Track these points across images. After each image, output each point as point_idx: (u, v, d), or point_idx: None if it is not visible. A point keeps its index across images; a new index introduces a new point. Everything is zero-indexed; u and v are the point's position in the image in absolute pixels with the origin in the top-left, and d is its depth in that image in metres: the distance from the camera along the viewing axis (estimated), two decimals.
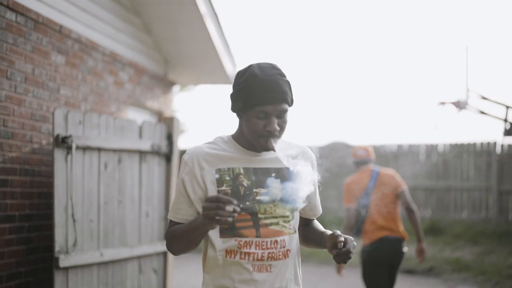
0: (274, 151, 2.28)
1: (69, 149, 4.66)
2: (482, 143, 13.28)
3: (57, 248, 4.56)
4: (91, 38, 5.93)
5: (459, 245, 11.66)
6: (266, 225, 2.31)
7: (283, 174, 2.36)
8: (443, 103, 11.42)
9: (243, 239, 2.29)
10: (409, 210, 5.65)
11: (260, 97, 2.23)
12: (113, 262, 5.08)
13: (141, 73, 7.06)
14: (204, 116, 37.23)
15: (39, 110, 5.04)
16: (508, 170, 12.70)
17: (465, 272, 9.84)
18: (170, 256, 5.83)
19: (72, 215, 4.68)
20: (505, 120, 7.44)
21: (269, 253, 2.30)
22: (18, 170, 4.78)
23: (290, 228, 2.36)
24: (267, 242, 2.30)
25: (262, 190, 2.32)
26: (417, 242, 5.70)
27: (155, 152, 5.50)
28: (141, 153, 5.41)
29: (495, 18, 33.09)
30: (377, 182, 5.66)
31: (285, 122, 2.30)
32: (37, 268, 4.98)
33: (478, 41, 29.23)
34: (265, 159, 2.38)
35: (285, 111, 2.28)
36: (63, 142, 4.61)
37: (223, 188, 2.27)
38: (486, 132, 30.52)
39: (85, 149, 4.83)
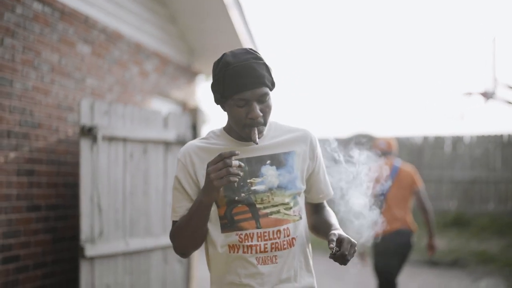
0: (256, 143, 2.18)
1: (94, 139, 4.68)
2: (509, 134, 13.13)
3: (83, 237, 4.59)
4: (117, 28, 5.94)
5: (485, 237, 11.55)
6: (267, 214, 2.23)
7: (278, 160, 2.28)
8: (469, 94, 11.28)
9: (244, 232, 2.22)
10: (423, 209, 5.86)
11: (236, 84, 2.15)
12: (138, 252, 5.11)
13: (165, 63, 7.07)
14: None
15: (65, 100, 5.07)
16: None
17: (490, 265, 9.75)
18: None
19: (98, 205, 4.70)
20: None
21: (272, 243, 2.22)
22: (45, 160, 4.81)
23: (295, 215, 2.28)
24: (269, 232, 2.22)
25: (257, 180, 2.24)
26: (429, 238, 5.90)
27: (180, 142, 5.50)
28: (166, 144, 5.41)
29: None
30: (396, 176, 5.79)
31: (268, 106, 2.21)
32: (63, 258, 5.02)
33: (505, 31, 28.84)
34: (258, 148, 2.28)
35: (266, 94, 2.18)
36: (89, 132, 4.63)
37: None
38: None
39: (110, 139, 4.85)
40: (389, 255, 5.66)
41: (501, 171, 13.12)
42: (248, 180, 2.24)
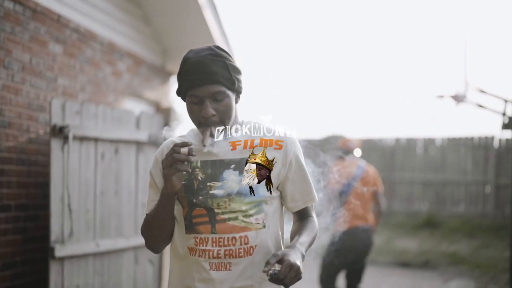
0: (204, 145, 2.13)
1: (66, 139, 4.65)
2: (480, 137, 13.30)
3: (53, 238, 4.56)
4: (90, 27, 5.91)
5: (456, 239, 11.69)
6: (224, 220, 2.16)
7: (243, 166, 2.18)
8: (441, 97, 11.41)
9: (199, 236, 2.18)
10: (379, 211, 6.14)
11: (189, 80, 2.13)
12: (109, 252, 5.08)
13: (139, 63, 7.05)
14: None
15: (36, 100, 5.03)
16: (505, 164, 12.73)
17: (461, 266, 9.86)
18: (167, 247, 5.83)
19: (69, 205, 4.67)
20: (503, 114, 7.44)
21: (226, 250, 2.15)
22: (15, 159, 4.77)
23: (257, 223, 2.18)
24: (224, 238, 2.15)
25: (217, 184, 2.17)
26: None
27: (152, 142, 5.49)
28: (138, 144, 5.40)
29: (493, 12, 33.02)
30: (362, 175, 6.00)
31: (225, 105, 2.14)
32: (33, 258, 4.98)
33: (477, 35, 29.16)
34: (226, 150, 2.20)
35: (220, 93, 2.12)
36: (60, 132, 4.60)
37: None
38: (484, 126, 30.53)
39: (82, 139, 4.83)
40: (351, 251, 5.84)
41: (472, 173, 13.29)
42: (208, 184, 2.18)
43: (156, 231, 2.25)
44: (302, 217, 2.36)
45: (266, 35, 38.87)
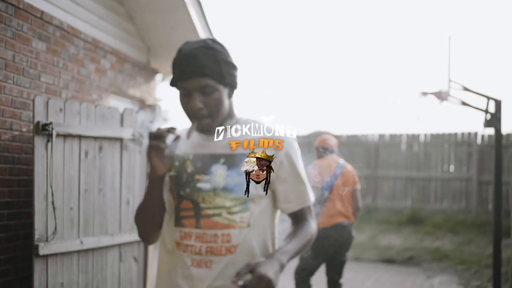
0: (187, 138, 2.07)
1: (49, 136, 4.63)
2: (463, 134, 13.39)
3: (36, 235, 4.54)
4: (73, 25, 5.88)
5: (439, 235, 11.78)
6: (208, 216, 2.12)
7: (233, 161, 2.13)
8: (425, 94, 11.45)
9: (184, 230, 2.14)
10: (357, 207, 6.22)
11: (178, 71, 2.10)
12: (93, 250, 5.07)
13: (123, 61, 7.03)
14: None
15: (19, 97, 5.00)
16: (488, 161, 12.83)
17: (444, 262, 9.94)
18: (151, 244, 5.82)
19: (52, 203, 4.66)
20: (486, 111, 7.48)
21: (207, 247, 2.10)
22: None
23: (241, 222, 2.11)
24: (206, 234, 2.11)
25: (204, 177, 2.13)
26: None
27: (136, 140, 5.47)
28: (122, 141, 5.39)
29: (476, 10, 33.24)
30: (341, 173, 6.09)
31: (214, 99, 2.10)
32: (17, 256, 4.96)
33: (460, 33, 29.33)
34: (218, 144, 2.15)
35: (208, 86, 2.08)
36: (43, 130, 4.58)
37: (172, 174, 2.19)
38: (467, 123, 30.74)
39: (65, 136, 4.81)
40: (332, 247, 5.95)
41: (455, 170, 13.38)
42: (196, 176, 2.14)
43: (142, 218, 2.21)
44: (297, 220, 2.26)
45: (251, 33, 38.87)
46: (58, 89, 5.61)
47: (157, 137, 1.98)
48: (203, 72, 2.06)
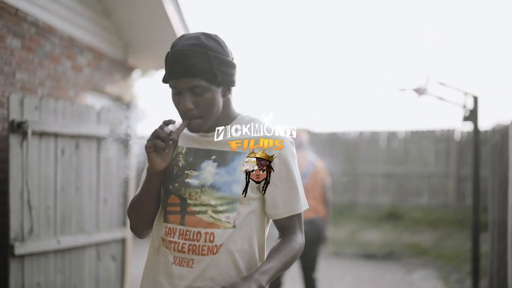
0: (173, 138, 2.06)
1: (24, 134, 4.57)
2: (442, 130, 13.48)
3: (12, 235, 4.48)
4: (48, 21, 5.81)
5: (418, 230, 11.84)
6: (194, 213, 2.06)
7: (224, 159, 2.09)
8: (403, 90, 11.50)
9: (169, 226, 2.10)
10: (326, 202, 6.31)
11: (168, 70, 2.04)
12: (70, 249, 5.02)
13: (100, 58, 6.97)
14: (166, 102, 36.92)
15: None
16: (466, 156, 12.92)
17: (424, 256, 10.01)
18: (129, 243, 5.79)
19: (28, 202, 4.60)
20: (464, 107, 7.53)
21: (190, 245, 2.05)
22: None
23: (227, 222, 2.05)
24: (190, 232, 2.06)
25: (194, 173, 2.09)
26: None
27: (113, 138, 5.43)
28: (99, 139, 5.33)
29: (454, 6, 33.44)
30: (313, 169, 6.20)
31: (205, 100, 2.04)
32: None
33: (437, 28, 29.52)
34: (211, 141, 2.12)
35: (198, 87, 2.02)
36: (18, 128, 4.51)
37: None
38: (446, 120, 30.95)
39: (41, 134, 4.75)
40: (306, 242, 5.97)
41: (434, 166, 13.46)
42: (186, 171, 2.10)
43: (136, 212, 2.17)
44: (284, 231, 2.17)
45: (228, 29, 38.78)
46: (34, 86, 5.54)
47: (156, 135, 2.01)
48: (192, 72, 2.00)
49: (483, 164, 10.77)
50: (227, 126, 2.12)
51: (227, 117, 2.18)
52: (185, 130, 2.18)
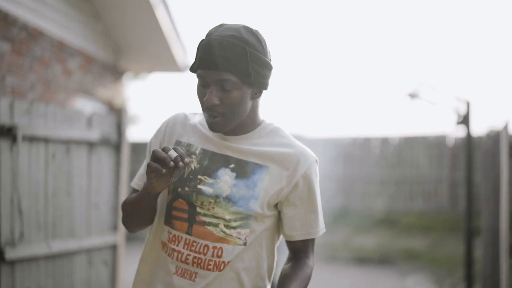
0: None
1: (14, 139, 4.52)
2: (435, 135, 13.52)
3: (2, 240, 4.43)
4: (38, 25, 5.79)
5: (412, 235, 11.84)
6: (203, 223, 1.91)
7: (243, 169, 1.92)
8: (395, 94, 11.54)
9: (173, 232, 1.94)
10: None
11: (198, 58, 1.86)
12: (61, 254, 4.97)
13: (90, 61, 6.94)
14: (158, 105, 36.87)
15: None
16: (459, 161, 12.94)
17: (418, 261, 10.02)
18: (121, 248, 5.75)
19: (19, 207, 4.56)
20: (457, 112, 7.55)
21: (195, 257, 1.90)
22: None
23: (238, 238, 1.91)
24: (197, 243, 1.91)
25: (208, 180, 1.91)
26: None
27: (104, 142, 5.40)
28: (90, 144, 5.30)
29: (446, 10, 33.59)
30: None
31: (232, 98, 1.86)
32: None
33: (429, 31, 29.65)
34: (233, 147, 1.95)
35: (228, 82, 1.83)
36: (8, 132, 4.47)
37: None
38: (439, 124, 31.03)
39: (31, 139, 4.71)
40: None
41: (427, 171, 13.48)
42: (199, 176, 1.93)
43: (127, 213, 2.06)
44: (296, 253, 2.03)
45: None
46: (24, 90, 5.51)
47: (159, 159, 1.79)
48: (225, 65, 1.82)
49: (476, 169, 10.80)
50: (249, 133, 1.98)
51: (252, 122, 2.00)
52: (201, 128, 2.01)
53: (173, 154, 1.78)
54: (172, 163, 1.77)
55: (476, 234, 8.04)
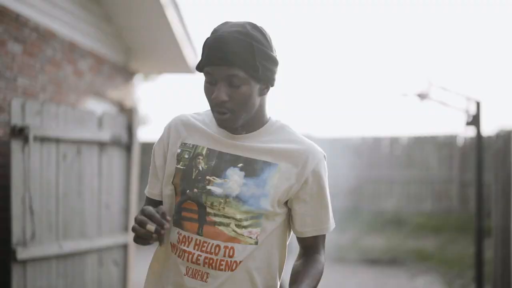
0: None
1: (26, 140, 4.55)
2: (445, 135, 13.47)
3: (14, 240, 4.46)
4: (50, 26, 5.82)
5: (422, 235, 11.80)
6: (214, 223, 1.88)
7: (253, 168, 1.90)
8: (405, 95, 11.50)
9: (183, 233, 1.92)
10: None
11: (206, 55, 1.85)
12: (72, 254, 5.00)
13: (101, 62, 6.97)
14: (168, 106, 36.95)
15: None
16: (469, 161, 12.89)
17: (428, 262, 9.97)
18: (131, 248, 5.77)
19: (30, 207, 4.58)
20: (467, 112, 7.52)
21: (206, 257, 1.87)
22: None
23: (249, 237, 1.89)
24: (208, 244, 1.88)
25: (217, 180, 1.89)
26: None
27: (115, 143, 5.42)
28: (101, 144, 5.32)
29: (455, 11, 33.48)
30: None
31: (241, 94, 1.85)
32: None
33: (439, 32, 29.56)
34: (242, 145, 1.94)
35: (236, 77, 1.82)
36: (20, 133, 4.50)
37: (180, 166, 1.95)
38: (449, 124, 30.93)
39: (43, 140, 4.73)
40: None
41: (437, 171, 13.43)
42: (208, 177, 1.90)
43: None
44: (307, 250, 2.02)
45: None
46: (35, 91, 5.54)
47: (142, 224, 1.73)
48: (234, 61, 1.81)
49: (486, 169, 10.76)
50: (257, 131, 1.96)
51: (259, 120, 1.98)
52: (206, 128, 1.99)
53: (151, 227, 1.71)
54: (154, 235, 1.72)
55: (487, 235, 8.01)
